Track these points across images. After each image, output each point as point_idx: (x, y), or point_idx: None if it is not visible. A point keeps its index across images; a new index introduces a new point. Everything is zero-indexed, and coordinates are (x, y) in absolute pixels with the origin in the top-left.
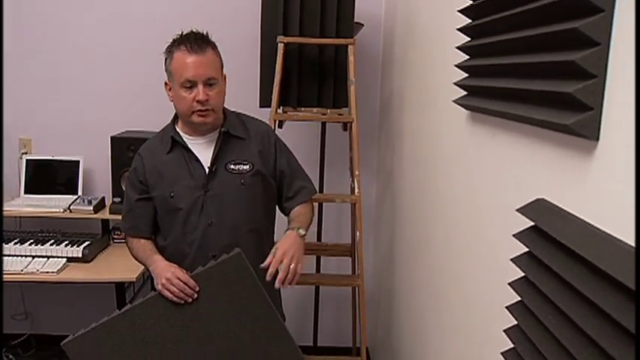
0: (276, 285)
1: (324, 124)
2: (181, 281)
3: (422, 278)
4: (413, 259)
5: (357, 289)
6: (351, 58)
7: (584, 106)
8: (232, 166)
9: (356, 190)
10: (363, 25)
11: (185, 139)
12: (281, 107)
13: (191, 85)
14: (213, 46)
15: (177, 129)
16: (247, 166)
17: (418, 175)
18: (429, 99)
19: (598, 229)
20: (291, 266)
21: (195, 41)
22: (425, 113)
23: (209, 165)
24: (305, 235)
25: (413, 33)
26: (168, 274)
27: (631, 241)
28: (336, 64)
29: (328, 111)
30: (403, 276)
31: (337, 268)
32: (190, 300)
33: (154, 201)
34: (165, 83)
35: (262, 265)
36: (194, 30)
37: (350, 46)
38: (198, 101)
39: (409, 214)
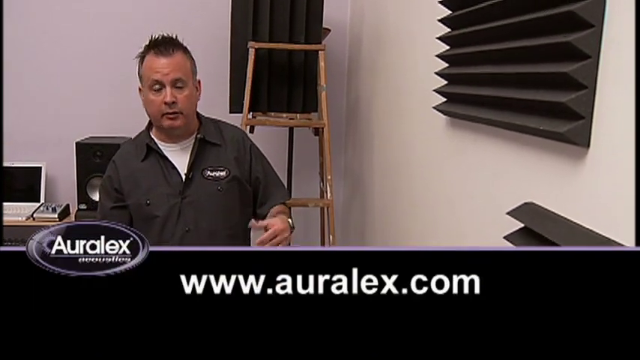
0: None
1: (291, 128)
2: None
3: None
4: None
5: None
6: (321, 64)
7: (576, 115)
8: (209, 173)
9: (328, 195)
10: (330, 30)
11: (160, 146)
12: (251, 112)
13: (159, 87)
14: (184, 50)
15: (152, 135)
16: (224, 172)
17: (391, 179)
18: (401, 104)
19: (588, 229)
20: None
21: (164, 44)
22: (397, 118)
23: (185, 172)
24: (292, 229)
25: (382, 39)
26: None
27: (623, 241)
28: (305, 69)
29: (297, 115)
30: None
31: None
32: None
33: (130, 209)
34: (139, 89)
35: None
36: (164, 34)
37: (320, 52)
38: (165, 103)
39: (381, 219)
